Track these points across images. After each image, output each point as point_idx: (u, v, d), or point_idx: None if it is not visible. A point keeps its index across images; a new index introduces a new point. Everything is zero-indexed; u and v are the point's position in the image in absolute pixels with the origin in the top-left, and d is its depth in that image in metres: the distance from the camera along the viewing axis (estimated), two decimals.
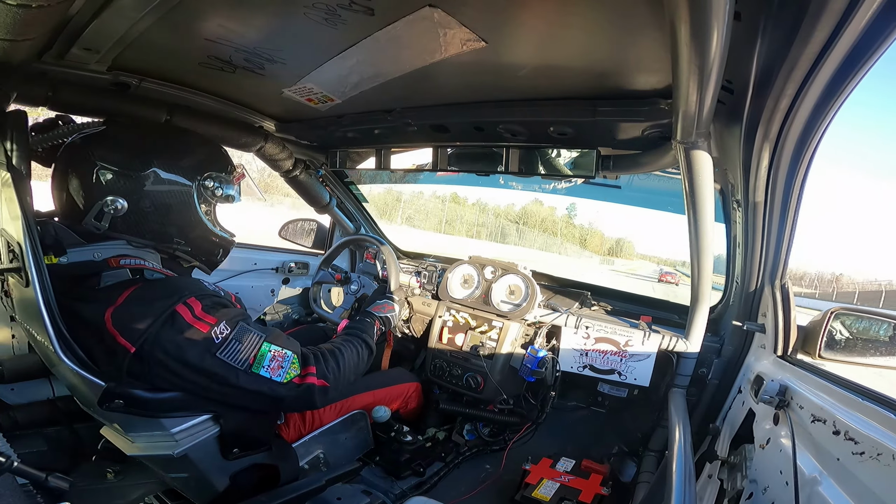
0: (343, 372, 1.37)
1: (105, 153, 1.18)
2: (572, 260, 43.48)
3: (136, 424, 1.21)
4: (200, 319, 1.14)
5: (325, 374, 1.31)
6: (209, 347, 1.13)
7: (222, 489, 1.33)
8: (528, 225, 55.16)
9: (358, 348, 1.48)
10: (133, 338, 1.09)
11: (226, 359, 1.15)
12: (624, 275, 32.89)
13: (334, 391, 1.34)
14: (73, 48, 1.12)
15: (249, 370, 1.17)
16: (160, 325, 1.09)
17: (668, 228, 65.10)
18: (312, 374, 1.27)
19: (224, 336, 1.15)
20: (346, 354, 1.40)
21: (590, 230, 73.13)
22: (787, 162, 1.08)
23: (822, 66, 0.77)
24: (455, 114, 1.55)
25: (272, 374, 1.20)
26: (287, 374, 1.23)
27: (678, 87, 0.85)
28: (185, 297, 1.14)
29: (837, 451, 0.86)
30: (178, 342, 1.10)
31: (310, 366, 1.28)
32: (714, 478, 1.36)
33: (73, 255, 1.16)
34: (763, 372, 1.33)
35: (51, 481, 0.77)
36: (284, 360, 1.23)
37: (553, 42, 1.05)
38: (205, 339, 1.13)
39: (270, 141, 1.92)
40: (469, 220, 39.50)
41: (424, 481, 1.79)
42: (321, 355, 1.35)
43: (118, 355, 1.09)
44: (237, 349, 1.16)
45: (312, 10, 0.98)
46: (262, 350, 1.20)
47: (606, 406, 2.18)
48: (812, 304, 21.83)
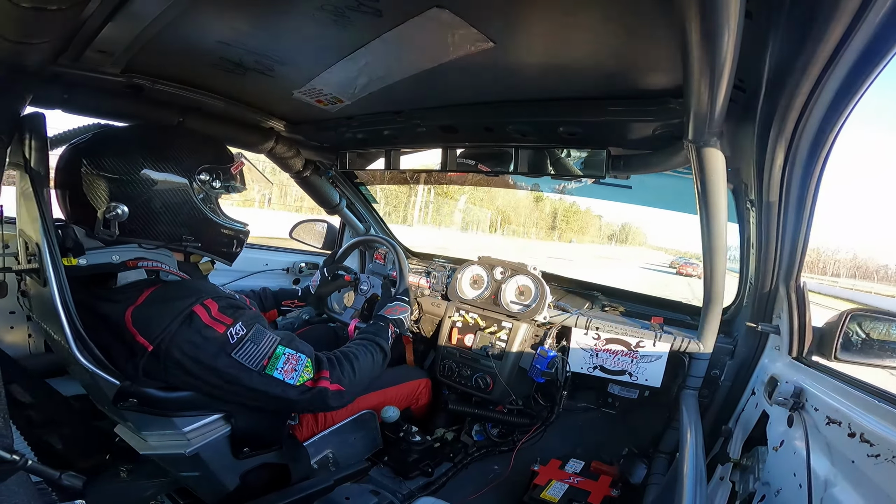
0: (358, 375, 1.37)
1: (95, 161, 1.18)
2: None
3: (150, 423, 1.23)
4: (217, 320, 1.15)
5: (340, 378, 1.31)
6: (224, 347, 1.14)
7: (233, 488, 1.35)
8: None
9: (373, 352, 1.48)
10: (151, 336, 1.10)
11: (240, 359, 1.16)
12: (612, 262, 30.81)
13: (349, 395, 1.35)
14: (87, 51, 1.14)
15: (263, 371, 1.18)
16: (178, 325, 1.11)
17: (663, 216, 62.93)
18: (326, 378, 1.28)
19: (240, 336, 1.16)
20: (361, 358, 1.41)
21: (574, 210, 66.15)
22: (803, 161, 1.06)
23: (837, 64, 0.76)
24: (464, 114, 1.55)
25: (285, 377, 1.21)
26: (300, 377, 1.24)
27: (689, 86, 0.84)
28: (202, 298, 1.16)
29: (852, 453, 0.85)
30: (194, 342, 1.12)
31: (323, 370, 1.29)
32: (726, 480, 1.35)
33: (92, 257, 1.18)
34: (777, 374, 1.32)
35: (65, 480, 0.78)
36: (298, 363, 1.24)
37: (562, 42, 1.04)
38: (220, 338, 1.14)
39: (281, 142, 1.93)
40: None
41: (433, 481, 1.79)
42: (336, 359, 1.35)
43: (136, 353, 1.11)
44: (252, 350, 1.18)
45: (321, 12, 0.99)
46: (276, 352, 1.21)
47: (617, 407, 2.16)
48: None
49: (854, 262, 75.07)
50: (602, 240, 69.99)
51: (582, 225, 67.51)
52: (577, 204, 60.10)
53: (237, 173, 1.40)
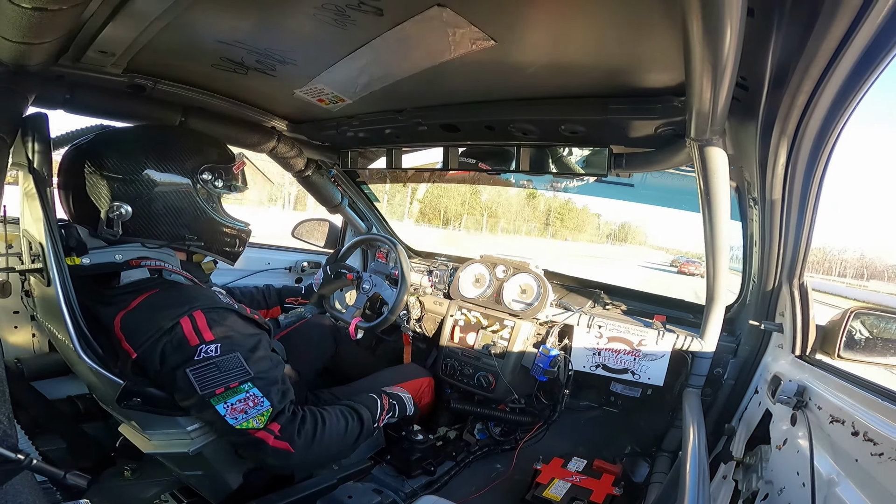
0: (318, 441, 1.25)
1: (99, 161, 1.19)
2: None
3: (153, 422, 1.23)
4: (197, 333, 1.13)
5: (292, 438, 1.20)
6: (186, 361, 1.11)
7: (236, 487, 1.35)
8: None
9: (347, 419, 1.36)
10: (136, 344, 1.11)
11: (193, 378, 1.11)
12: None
13: (300, 459, 1.22)
14: (88, 51, 1.14)
15: (208, 399, 1.12)
16: (160, 335, 1.11)
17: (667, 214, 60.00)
18: (271, 432, 1.17)
19: (207, 357, 1.12)
20: (328, 423, 1.30)
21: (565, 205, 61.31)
22: (806, 159, 1.06)
23: (839, 61, 0.76)
24: (465, 113, 1.54)
25: (227, 414, 1.13)
26: (246, 422, 1.15)
27: (691, 84, 0.84)
28: (193, 308, 1.15)
29: (856, 452, 0.85)
30: (165, 349, 1.12)
31: (275, 422, 1.18)
32: (728, 479, 1.34)
33: (96, 256, 1.19)
34: (780, 372, 1.31)
35: (69, 479, 0.78)
36: (256, 406, 1.16)
37: (563, 40, 1.04)
38: (187, 351, 1.11)
39: (282, 141, 1.93)
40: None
41: (435, 480, 1.79)
42: (301, 417, 1.25)
43: (121, 358, 1.13)
44: (211, 375, 1.12)
45: (321, 12, 0.99)
46: (239, 387, 1.14)
47: (619, 406, 2.16)
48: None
49: (861, 261, 74.28)
50: (599, 238, 66.42)
51: (568, 218, 62.60)
52: (544, 195, 56.12)
53: (239, 172, 1.41)
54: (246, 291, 1.94)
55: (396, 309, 2.03)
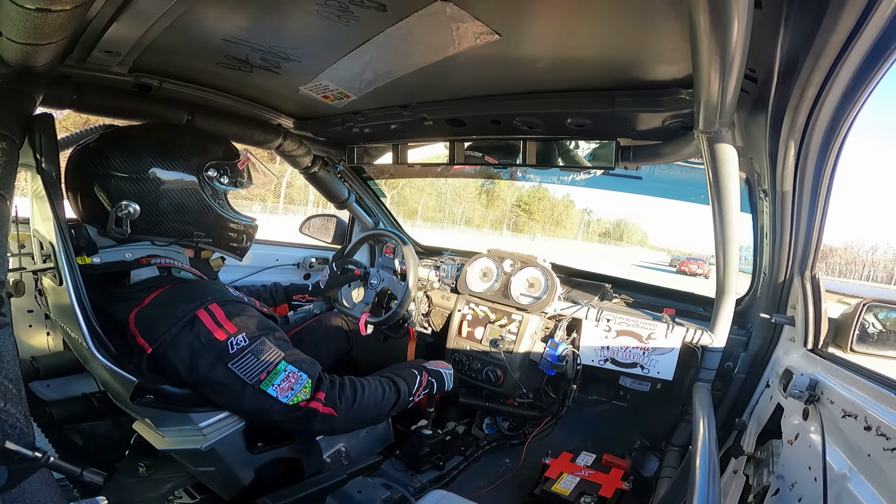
0: (357, 406, 1.33)
1: (105, 161, 1.20)
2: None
3: (167, 419, 1.25)
4: (220, 326, 1.15)
5: (335, 403, 1.28)
6: (222, 357, 1.14)
7: (248, 482, 1.37)
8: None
9: (384, 388, 1.44)
10: (152, 339, 1.12)
11: (237, 371, 1.15)
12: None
13: (341, 423, 1.31)
14: (94, 51, 1.15)
15: (258, 386, 1.17)
16: (179, 329, 1.12)
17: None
18: (319, 400, 1.25)
19: (240, 347, 1.15)
20: (366, 390, 1.37)
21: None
22: (816, 150, 1.05)
23: (849, 53, 0.75)
24: (471, 107, 1.54)
25: (279, 394, 1.19)
26: (296, 397, 1.21)
27: (699, 76, 0.83)
28: (207, 302, 1.17)
29: (868, 446, 0.84)
30: (193, 347, 1.13)
31: (320, 391, 1.26)
32: (739, 473, 1.34)
33: (105, 255, 1.20)
34: (792, 366, 1.30)
35: (86, 476, 0.79)
36: (298, 381, 1.22)
37: (568, 33, 1.03)
38: (220, 346, 1.14)
39: (289, 138, 1.94)
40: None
41: (444, 475, 1.80)
42: (339, 383, 1.32)
43: (136, 354, 1.14)
44: (250, 363, 1.16)
45: (325, 8, 0.98)
46: (277, 368, 1.19)
47: (628, 400, 2.15)
48: None
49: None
50: (588, 236, 61.74)
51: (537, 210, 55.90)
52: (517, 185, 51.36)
53: (244, 169, 1.42)
54: (253, 290, 1.95)
55: (405, 302, 2.03)
